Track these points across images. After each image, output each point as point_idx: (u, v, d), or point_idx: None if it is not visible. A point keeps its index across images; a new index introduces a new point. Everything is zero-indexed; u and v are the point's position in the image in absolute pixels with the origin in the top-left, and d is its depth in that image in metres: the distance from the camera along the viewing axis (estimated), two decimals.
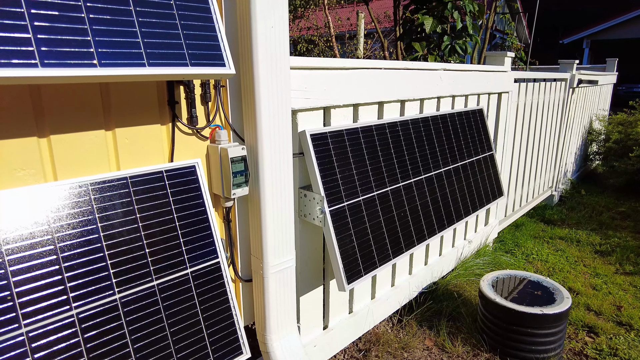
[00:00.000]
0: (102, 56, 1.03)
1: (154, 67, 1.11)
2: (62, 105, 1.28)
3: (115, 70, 1.04)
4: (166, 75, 1.14)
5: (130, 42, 1.09)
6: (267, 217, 1.68)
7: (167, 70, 1.13)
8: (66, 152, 1.31)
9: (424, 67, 2.56)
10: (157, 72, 1.10)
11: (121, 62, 1.06)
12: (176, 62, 1.16)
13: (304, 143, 1.88)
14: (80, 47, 1.01)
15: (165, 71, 1.12)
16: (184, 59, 1.18)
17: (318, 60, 1.88)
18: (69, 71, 0.97)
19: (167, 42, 1.15)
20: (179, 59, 1.17)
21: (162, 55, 1.14)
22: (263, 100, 1.56)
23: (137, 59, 1.08)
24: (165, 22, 1.17)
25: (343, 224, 1.93)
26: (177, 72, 1.15)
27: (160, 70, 1.11)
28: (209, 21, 1.26)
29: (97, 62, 1.02)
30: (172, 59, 1.15)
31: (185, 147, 1.58)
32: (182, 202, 1.49)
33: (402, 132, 2.38)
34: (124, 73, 1.04)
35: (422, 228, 2.40)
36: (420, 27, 4.48)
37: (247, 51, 1.53)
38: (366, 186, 2.09)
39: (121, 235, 1.34)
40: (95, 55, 1.03)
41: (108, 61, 1.04)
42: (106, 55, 1.04)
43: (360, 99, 2.15)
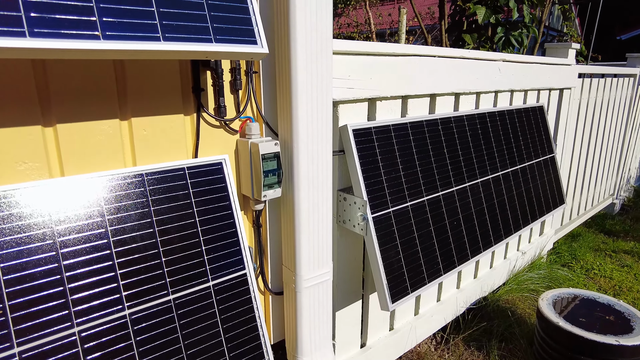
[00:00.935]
0: (107, 27, 0.84)
1: (169, 43, 0.91)
2: (71, 90, 1.11)
3: (121, 44, 0.84)
4: (184, 53, 0.94)
5: (141, 12, 0.89)
6: (302, 223, 1.46)
7: (186, 46, 0.93)
8: (75, 144, 1.14)
9: (481, 57, 2.27)
10: (173, 49, 0.90)
11: (129, 35, 0.86)
12: (197, 37, 0.96)
13: (345, 139, 1.65)
14: (80, 15, 0.82)
15: (183, 47, 0.92)
16: (207, 34, 0.97)
17: (364, 45, 1.64)
18: (63, 43, 0.78)
19: (186, 12, 0.95)
20: (200, 34, 0.96)
21: (180, 29, 0.93)
22: (301, 88, 1.34)
23: (148, 32, 0.89)
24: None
25: (388, 233, 1.69)
26: (198, 48, 0.95)
27: (176, 46, 0.91)
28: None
29: (100, 33, 0.83)
30: (192, 32, 0.95)
31: (211, 141, 1.39)
32: (205, 204, 1.29)
33: (457, 129, 2.10)
34: (132, 48, 0.85)
35: (476, 239, 2.12)
36: (472, 17, 4.14)
37: (284, 28, 1.31)
38: (415, 190, 1.83)
39: (134, 241, 1.16)
40: (99, 25, 0.84)
41: (113, 33, 0.85)
42: (111, 26, 0.85)
43: (410, 90, 1.90)
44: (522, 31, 3.80)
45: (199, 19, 0.97)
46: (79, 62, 1.11)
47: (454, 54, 2.09)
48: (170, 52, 0.91)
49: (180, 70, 1.28)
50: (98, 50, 0.82)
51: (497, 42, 3.92)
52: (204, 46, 0.96)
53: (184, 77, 1.29)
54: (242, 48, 1.02)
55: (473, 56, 2.20)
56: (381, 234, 1.66)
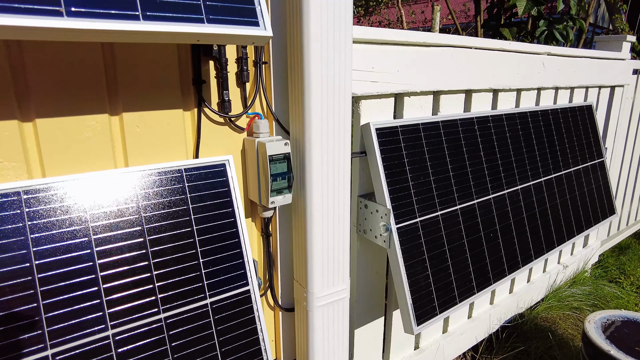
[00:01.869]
0: (71, 2, 0.70)
1: (150, 23, 0.76)
2: (52, 80, 0.98)
3: (87, 23, 0.70)
4: (168, 35, 0.78)
5: None
6: (314, 234, 1.29)
7: (170, 26, 0.78)
8: (57, 142, 1.01)
9: (524, 50, 2.03)
10: (153, 29, 0.75)
11: (100, 13, 0.72)
12: (185, 16, 0.80)
13: (367, 139, 1.47)
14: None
15: (167, 28, 0.77)
16: (198, 12, 0.82)
17: (391, 32, 1.45)
18: (15, 20, 0.64)
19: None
20: (189, 12, 0.81)
21: (164, 6, 0.78)
22: (314, 80, 1.17)
23: (125, 9, 0.74)
24: None
25: (414, 246, 1.50)
26: (186, 29, 0.79)
27: (159, 26, 0.76)
28: None
29: (63, 9, 0.69)
30: (179, 11, 0.80)
31: (214, 139, 1.24)
32: (204, 210, 1.14)
33: (495, 129, 1.88)
34: (101, 27, 0.70)
35: (514, 253, 1.89)
36: (510, 10, 3.86)
37: (296, 9, 1.15)
38: (446, 197, 1.63)
39: (120, 252, 1.02)
40: (62, 0, 0.69)
41: (80, 9, 0.70)
42: (77, 1, 0.70)
43: (442, 85, 1.70)
44: (567, 24, 3.50)
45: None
46: (61, 49, 0.98)
47: (493, 45, 1.86)
48: (151, 34, 0.76)
49: (179, 59, 1.13)
50: (58, 29, 0.68)
51: (539, 37, 3.63)
52: (193, 27, 0.80)
53: (183, 68, 1.15)
54: (240, 30, 0.86)
55: (514, 48, 1.97)
56: (406, 247, 1.47)
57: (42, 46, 0.96)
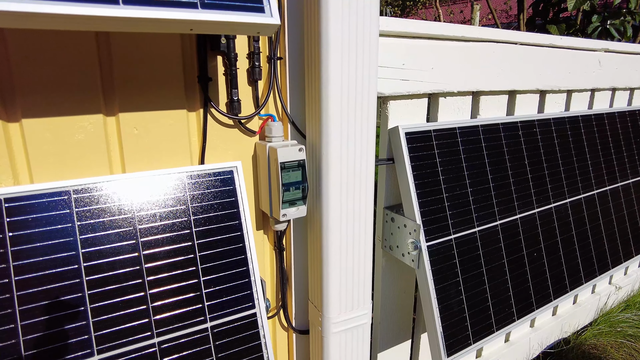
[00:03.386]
0: None
1: (130, 7, 0.63)
2: (40, 76, 0.88)
3: (50, 6, 0.58)
4: (152, 22, 0.66)
5: None
6: (331, 252, 1.14)
7: (155, 12, 0.65)
8: (46, 144, 0.92)
9: (577, 45, 1.81)
10: (134, 15, 0.63)
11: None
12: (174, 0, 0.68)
13: (396, 144, 1.31)
14: None
15: (150, 14, 0.65)
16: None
17: (424, 25, 1.29)
18: None
19: None
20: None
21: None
22: (333, 77, 1.03)
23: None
24: None
25: (447, 267, 1.32)
26: (173, 16, 0.67)
27: (140, 12, 0.64)
28: None
29: None
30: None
31: (222, 143, 1.11)
32: (207, 223, 1.02)
33: (541, 135, 1.67)
34: (67, 12, 0.59)
35: (561, 275, 1.67)
36: (559, 5, 3.57)
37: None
38: (485, 212, 1.45)
39: (111, 269, 0.91)
40: None
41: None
42: None
43: (483, 85, 1.51)
44: (624, 19, 3.18)
45: None
46: (51, 41, 0.88)
47: (542, 40, 1.66)
48: (132, 21, 0.64)
49: (183, 53, 1.02)
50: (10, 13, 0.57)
51: (591, 34, 3.33)
52: (185, 13, 0.68)
53: (188, 63, 1.03)
54: (242, 17, 0.73)
55: (567, 44, 1.75)
56: (438, 267, 1.30)
57: (30, 38, 0.86)
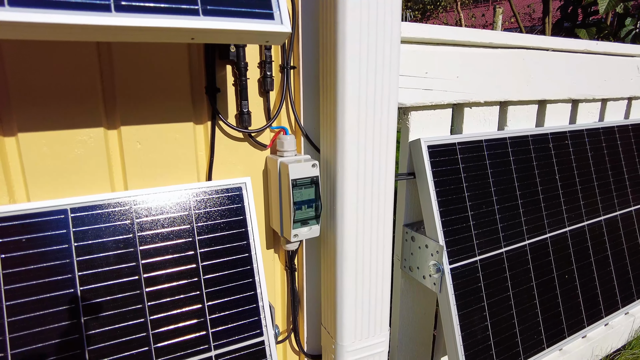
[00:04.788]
0: None
1: (123, 15, 0.57)
2: (38, 87, 0.83)
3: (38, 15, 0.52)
4: (148, 31, 0.60)
5: None
6: (345, 276, 1.06)
7: (150, 20, 0.59)
8: (43, 160, 0.86)
9: (615, 51, 1.69)
10: (126, 24, 0.57)
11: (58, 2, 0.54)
12: (174, 6, 0.61)
13: (418, 158, 1.22)
14: None
15: (146, 22, 0.58)
16: (192, 2, 0.62)
17: (449, 31, 1.20)
18: None
19: None
20: (178, 1, 0.62)
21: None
22: (350, 87, 0.95)
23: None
24: None
25: (471, 291, 1.23)
26: (172, 24, 0.60)
27: (134, 20, 0.57)
28: None
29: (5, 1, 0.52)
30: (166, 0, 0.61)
31: (230, 158, 1.05)
32: (213, 243, 0.95)
33: (573, 147, 1.56)
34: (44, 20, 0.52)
35: (596, 299, 1.55)
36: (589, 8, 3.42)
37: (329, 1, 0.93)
38: (513, 231, 1.34)
39: (108, 293, 0.85)
40: None
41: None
42: None
43: (512, 94, 1.41)
44: None
45: None
46: (48, 49, 0.82)
47: (576, 46, 1.55)
48: (126, 30, 0.58)
49: (190, 62, 0.96)
50: None
51: (624, 37, 3.17)
52: (184, 20, 0.61)
53: (195, 73, 0.97)
54: (248, 24, 0.66)
55: (602, 50, 1.63)
56: (461, 292, 1.20)
57: (27, 47, 0.81)
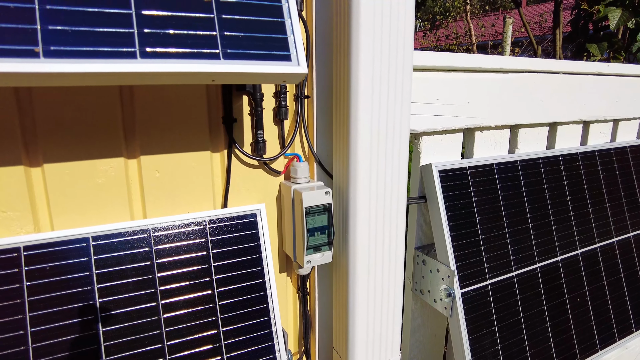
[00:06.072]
0: (50, 39, 0.56)
1: (149, 61, 0.60)
2: (63, 120, 0.87)
3: (66, 65, 0.55)
4: (171, 76, 0.63)
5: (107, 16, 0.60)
6: (358, 299, 1.07)
7: (174, 65, 0.62)
8: (66, 189, 0.90)
9: (627, 72, 1.69)
10: (152, 70, 0.60)
11: (86, 51, 0.57)
12: (195, 51, 0.64)
13: (429, 183, 1.24)
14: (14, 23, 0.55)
15: (170, 68, 0.61)
16: (212, 46, 0.65)
17: (459, 58, 1.22)
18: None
19: (181, 16, 0.64)
20: (201, 46, 0.65)
21: (169, 39, 0.62)
22: (362, 116, 0.97)
23: (118, 45, 0.59)
24: None
25: (482, 315, 1.23)
26: (194, 69, 0.63)
27: (159, 66, 0.60)
28: None
29: (40, 49, 0.55)
30: (187, 45, 0.64)
31: (246, 184, 1.07)
32: (228, 270, 0.98)
33: (585, 169, 1.56)
34: (81, 70, 0.56)
35: (609, 322, 1.54)
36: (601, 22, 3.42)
37: (343, 31, 0.96)
38: (524, 254, 1.35)
39: (127, 319, 0.88)
40: (40, 39, 0.56)
41: (61, 48, 0.56)
42: (54, 38, 0.56)
43: (522, 118, 1.42)
44: None
45: (200, 24, 0.65)
46: (72, 86, 0.86)
47: (587, 69, 1.56)
48: (151, 75, 0.61)
49: (208, 93, 0.99)
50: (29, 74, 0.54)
51: (636, 52, 3.16)
52: (206, 65, 0.64)
53: (213, 103, 1.00)
54: (267, 67, 0.68)
55: (614, 72, 1.64)
56: (472, 316, 1.21)
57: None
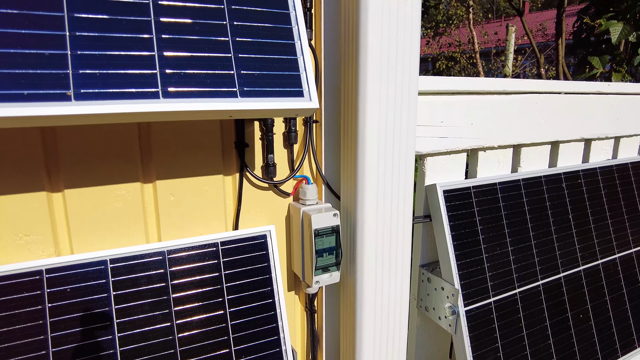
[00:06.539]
0: (81, 82, 0.60)
1: (171, 101, 0.64)
2: (84, 148, 0.91)
3: (95, 107, 0.59)
4: (191, 114, 0.67)
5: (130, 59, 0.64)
6: (364, 320, 1.10)
7: (195, 104, 0.65)
8: (85, 213, 0.93)
9: (627, 91, 1.72)
10: (174, 109, 0.64)
11: (112, 93, 0.61)
12: (214, 89, 0.68)
13: (433, 202, 1.27)
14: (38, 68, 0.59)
15: (191, 107, 0.65)
16: (230, 85, 0.69)
17: (463, 82, 1.26)
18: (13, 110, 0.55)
19: (200, 56, 0.68)
20: (220, 85, 0.69)
21: (189, 79, 0.66)
22: (369, 142, 1.01)
23: (142, 86, 0.63)
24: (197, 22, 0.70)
25: (485, 332, 1.26)
26: (214, 107, 0.67)
27: (181, 105, 0.64)
28: (280, 20, 0.76)
29: (72, 92, 0.59)
30: (206, 84, 0.68)
31: (256, 206, 1.11)
32: (240, 290, 1.01)
33: (587, 186, 1.59)
34: (111, 111, 0.60)
35: (611, 339, 1.56)
36: (602, 36, 3.46)
37: (351, 58, 1.00)
38: (526, 272, 1.37)
39: (143, 339, 0.91)
40: (72, 83, 0.60)
41: (90, 90, 0.60)
42: (83, 81, 0.60)
43: (525, 138, 1.46)
44: None
45: (218, 64, 0.69)
46: None
47: (588, 88, 1.59)
48: (173, 114, 0.65)
49: (221, 121, 1.03)
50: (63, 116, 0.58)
51: (637, 66, 3.19)
52: (225, 103, 0.68)
53: (225, 130, 1.04)
54: (281, 103, 0.72)
55: (614, 91, 1.67)
56: (476, 333, 1.24)
57: None
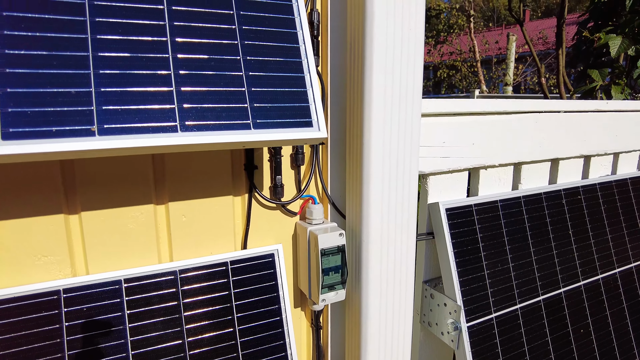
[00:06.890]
0: (104, 118, 0.64)
1: (189, 134, 0.68)
2: (100, 172, 0.94)
3: (119, 142, 0.63)
4: (207, 146, 0.70)
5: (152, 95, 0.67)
6: (370, 336, 1.13)
7: (212, 137, 0.69)
8: (100, 234, 0.97)
9: (626, 108, 1.76)
10: (192, 142, 0.67)
11: (134, 127, 0.65)
12: (229, 122, 0.72)
13: (436, 220, 1.30)
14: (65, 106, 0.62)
15: (208, 139, 0.69)
16: (244, 118, 0.73)
17: (465, 103, 1.30)
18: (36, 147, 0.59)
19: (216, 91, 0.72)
20: (234, 118, 0.72)
21: (206, 113, 0.70)
22: (374, 164, 1.05)
23: (162, 120, 0.67)
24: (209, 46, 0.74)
25: (487, 347, 1.28)
26: (229, 139, 0.70)
27: (199, 138, 0.68)
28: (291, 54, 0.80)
29: (96, 128, 0.63)
30: (222, 118, 0.71)
31: (264, 225, 1.14)
32: (248, 308, 1.04)
33: (586, 202, 1.62)
34: (132, 145, 0.63)
35: (612, 353, 1.58)
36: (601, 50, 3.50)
37: (356, 85, 1.04)
38: (527, 287, 1.40)
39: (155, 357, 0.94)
40: (95, 119, 0.63)
41: (113, 125, 0.64)
42: (106, 117, 0.64)
43: (525, 156, 1.49)
44: None
45: (232, 97, 0.73)
46: None
47: (586, 106, 1.63)
48: (190, 147, 0.68)
49: None
50: (89, 151, 0.62)
51: (637, 79, 3.24)
52: (239, 135, 0.71)
53: (236, 153, 1.07)
54: (291, 134, 0.76)
55: (613, 108, 1.71)
56: (478, 349, 1.26)
57: None
